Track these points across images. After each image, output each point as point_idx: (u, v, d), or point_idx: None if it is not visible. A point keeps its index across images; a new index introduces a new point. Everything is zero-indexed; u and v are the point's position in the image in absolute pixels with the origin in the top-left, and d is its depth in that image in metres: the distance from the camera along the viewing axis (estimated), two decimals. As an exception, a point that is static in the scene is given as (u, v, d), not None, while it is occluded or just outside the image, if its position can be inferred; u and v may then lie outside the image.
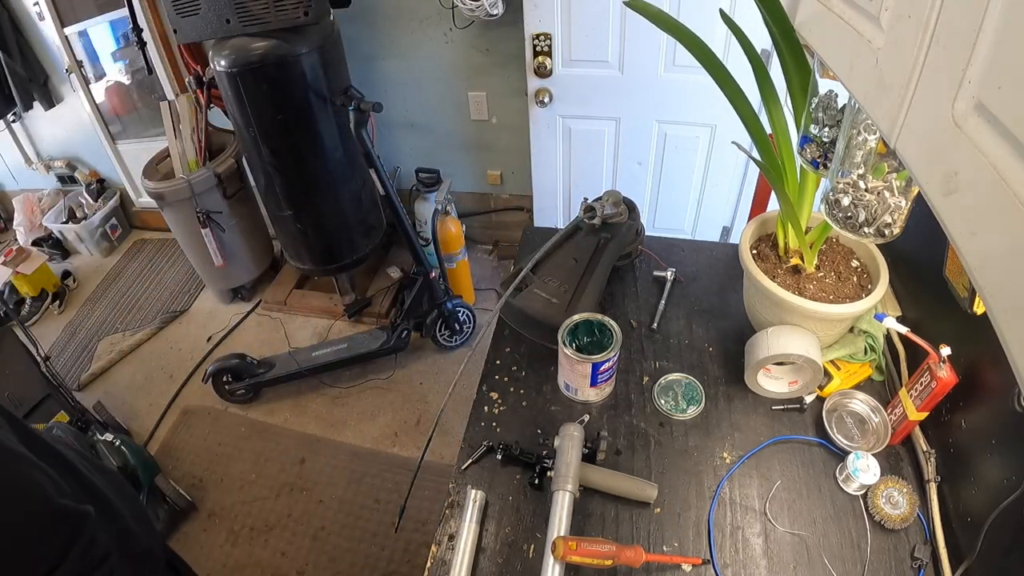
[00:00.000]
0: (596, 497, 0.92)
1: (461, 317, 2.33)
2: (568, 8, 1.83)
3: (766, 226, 1.11)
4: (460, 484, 0.95)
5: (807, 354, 0.94)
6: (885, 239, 0.75)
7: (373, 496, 1.96)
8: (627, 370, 1.10)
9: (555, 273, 1.14)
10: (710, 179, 2.16)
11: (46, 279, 2.98)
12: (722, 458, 0.96)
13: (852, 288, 0.99)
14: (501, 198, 2.69)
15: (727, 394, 1.05)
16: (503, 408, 1.06)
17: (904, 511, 0.85)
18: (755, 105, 0.95)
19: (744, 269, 1.02)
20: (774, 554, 0.84)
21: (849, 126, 0.70)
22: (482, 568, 0.85)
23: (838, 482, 0.91)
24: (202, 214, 2.35)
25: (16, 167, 3.44)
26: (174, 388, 2.45)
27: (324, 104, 1.89)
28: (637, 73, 1.94)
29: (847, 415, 0.99)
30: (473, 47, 2.18)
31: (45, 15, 2.72)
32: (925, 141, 0.41)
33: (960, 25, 0.36)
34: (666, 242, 1.38)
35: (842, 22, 0.57)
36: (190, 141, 2.41)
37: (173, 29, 1.80)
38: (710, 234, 2.32)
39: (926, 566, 0.81)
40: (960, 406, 0.85)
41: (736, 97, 0.92)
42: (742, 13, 1.05)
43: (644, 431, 1.00)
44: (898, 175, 0.71)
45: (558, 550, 0.75)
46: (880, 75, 0.48)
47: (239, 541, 1.92)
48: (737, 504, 0.90)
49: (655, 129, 2.07)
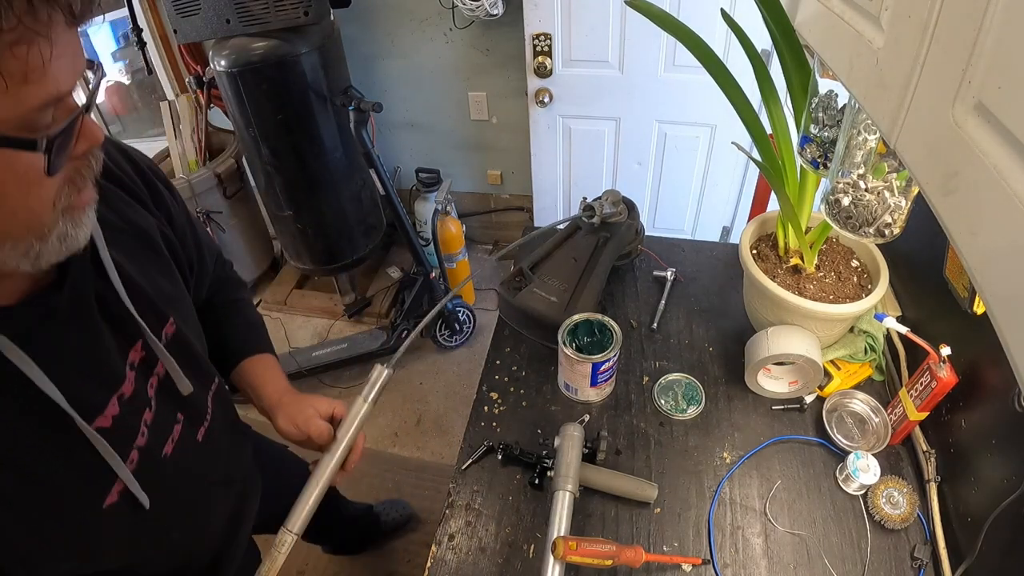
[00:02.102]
0: (596, 497, 0.92)
1: (461, 317, 2.33)
2: (568, 8, 1.83)
3: (766, 226, 1.11)
4: (460, 484, 0.95)
5: (807, 354, 0.94)
6: (885, 239, 0.75)
7: (373, 496, 1.95)
8: (627, 370, 1.10)
9: (555, 272, 1.14)
10: (710, 179, 2.16)
11: (46, 279, 2.98)
12: (722, 458, 0.96)
13: (852, 288, 0.99)
14: (501, 198, 2.69)
15: (727, 394, 1.05)
16: (503, 408, 1.06)
17: (904, 511, 0.85)
18: (755, 105, 0.95)
19: (744, 269, 1.02)
20: (774, 554, 0.84)
21: (849, 126, 0.70)
22: (482, 568, 0.85)
23: (838, 482, 0.91)
24: (202, 214, 2.35)
25: (16, 167, 3.44)
26: (174, 388, 2.45)
27: (324, 104, 1.89)
28: (637, 73, 1.94)
29: (847, 415, 0.99)
30: (473, 47, 2.18)
31: (45, 15, 2.71)
32: (925, 141, 0.41)
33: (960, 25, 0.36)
34: (666, 242, 1.38)
35: (842, 22, 0.57)
36: (190, 141, 2.41)
37: (173, 29, 1.80)
38: (710, 234, 2.32)
39: (926, 566, 0.81)
40: (960, 406, 0.85)
41: (736, 97, 0.92)
42: (742, 13, 1.05)
43: (644, 431, 1.00)
44: (898, 175, 0.71)
45: (558, 550, 0.75)
46: (880, 75, 0.48)
47: (239, 541, 1.92)
48: (737, 504, 0.90)
49: (655, 129, 2.07)
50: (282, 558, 0.74)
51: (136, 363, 0.64)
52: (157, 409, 0.66)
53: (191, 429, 0.73)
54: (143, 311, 0.64)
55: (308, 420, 0.81)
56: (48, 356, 0.53)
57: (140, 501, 0.63)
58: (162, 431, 0.67)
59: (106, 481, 0.60)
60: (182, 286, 0.75)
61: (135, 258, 0.66)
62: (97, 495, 0.59)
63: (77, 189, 0.50)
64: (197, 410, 0.74)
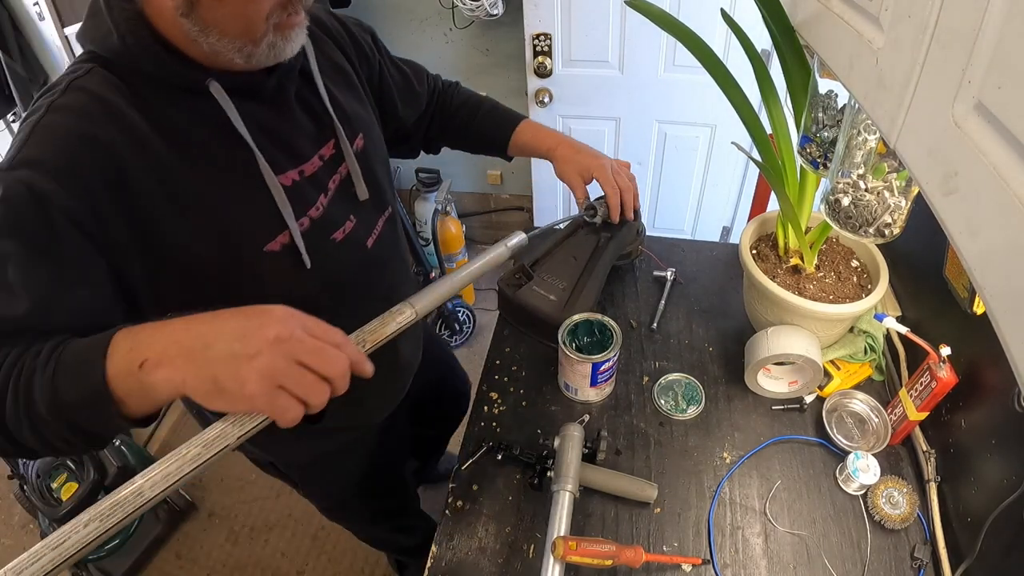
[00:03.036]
0: (596, 497, 0.92)
1: (461, 317, 2.33)
2: (568, 8, 1.83)
3: (766, 226, 1.11)
4: (460, 484, 0.95)
5: (807, 354, 0.94)
6: (885, 239, 0.75)
7: (373, 496, 1.96)
8: (627, 370, 1.10)
9: (555, 271, 1.14)
10: (710, 179, 2.16)
11: (46, 279, 2.98)
12: (722, 458, 0.96)
13: (852, 288, 0.99)
14: (501, 198, 2.69)
15: (727, 394, 1.05)
16: (503, 408, 1.06)
17: (904, 511, 0.85)
18: (755, 105, 0.95)
19: (744, 269, 1.02)
20: (774, 554, 0.84)
21: (849, 126, 0.70)
22: (482, 568, 0.85)
23: (838, 482, 0.91)
24: (202, 214, 2.35)
25: (16, 167, 3.44)
26: (174, 388, 2.45)
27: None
28: (637, 73, 1.94)
29: (847, 415, 0.99)
30: (473, 47, 2.18)
31: (45, 15, 2.72)
32: (925, 141, 0.41)
33: (960, 25, 0.36)
34: (666, 242, 1.38)
35: (842, 22, 0.57)
36: (190, 141, 2.41)
37: (173, 29, 1.80)
38: (710, 234, 2.32)
39: (926, 566, 0.81)
40: (960, 406, 0.85)
41: (736, 97, 0.92)
42: (742, 13, 1.05)
43: (644, 431, 1.00)
44: (898, 175, 0.71)
45: (558, 550, 0.75)
46: (880, 75, 0.48)
47: (239, 541, 1.92)
48: (737, 504, 0.90)
49: (655, 129, 2.07)
50: (392, 327, 0.69)
51: (326, 157, 0.78)
52: (333, 199, 0.79)
53: (361, 233, 0.84)
54: (340, 119, 0.78)
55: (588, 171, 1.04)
56: (250, 119, 0.67)
57: (303, 259, 0.73)
58: (334, 219, 0.79)
59: (274, 227, 0.70)
60: (375, 119, 0.91)
61: (336, 84, 0.82)
62: (263, 237, 0.70)
63: (287, 13, 0.63)
64: (368, 220, 0.86)
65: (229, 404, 0.52)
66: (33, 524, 1.97)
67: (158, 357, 0.51)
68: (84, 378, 0.51)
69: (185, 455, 0.52)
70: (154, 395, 0.52)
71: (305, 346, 0.52)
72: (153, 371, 0.50)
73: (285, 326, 0.52)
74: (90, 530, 0.49)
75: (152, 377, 0.50)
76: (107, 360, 0.51)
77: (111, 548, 1.80)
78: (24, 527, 2.04)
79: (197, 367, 0.50)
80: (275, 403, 0.51)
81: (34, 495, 1.72)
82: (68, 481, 1.71)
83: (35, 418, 0.52)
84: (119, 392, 0.51)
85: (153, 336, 0.52)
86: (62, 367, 0.52)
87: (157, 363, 0.50)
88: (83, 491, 1.68)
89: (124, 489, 0.50)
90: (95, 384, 0.51)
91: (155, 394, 0.52)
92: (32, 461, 1.76)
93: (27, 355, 0.53)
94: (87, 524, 0.49)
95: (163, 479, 0.51)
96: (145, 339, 0.52)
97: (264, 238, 0.70)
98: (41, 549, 0.47)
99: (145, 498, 0.50)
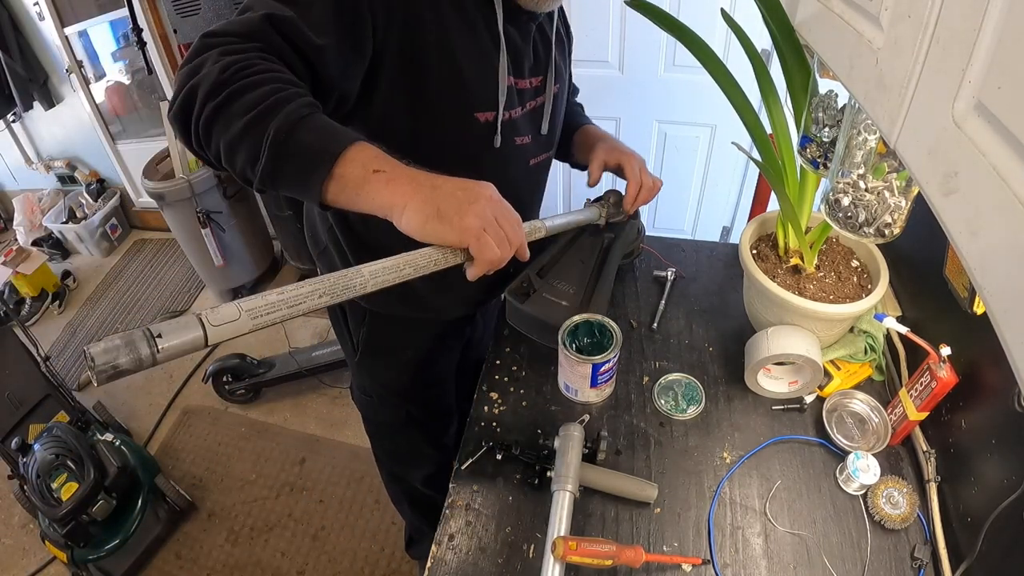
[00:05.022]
0: (596, 497, 0.92)
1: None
2: (568, 8, 1.83)
3: (766, 226, 1.11)
4: (460, 484, 0.95)
5: (807, 354, 0.94)
6: (885, 239, 0.75)
7: (373, 496, 1.96)
8: (627, 370, 1.10)
9: (563, 276, 1.13)
10: (710, 179, 2.16)
11: (46, 279, 2.98)
12: (722, 458, 0.96)
13: (852, 288, 0.99)
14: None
15: (727, 394, 1.05)
16: (503, 408, 1.06)
17: (904, 511, 0.85)
18: (755, 105, 0.95)
19: (744, 269, 1.02)
20: (774, 554, 0.84)
21: (849, 126, 0.70)
22: (482, 568, 0.85)
23: (838, 482, 0.91)
24: (202, 214, 2.35)
25: (16, 167, 3.44)
26: (174, 388, 2.45)
27: (324, 104, 1.89)
28: (637, 73, 1.94)
29: (847, 415, 0.99)
30: (473, 47, 2.18)
31: (45, 15, 2.72)
32: (925, 141, 0.41)
33: (960, 25, 0.36)
34: (666, 242, 1.38)
35: (842, 22, 0.57)
36: (190, 141, 2.41)
37: (173, 29, 1.81)
38: (710, 234, 2.32)
39: (926, 566, 0.81)
40: (960, 406, 0.85)
41: (736, 97, 0.92)
42: (742, 13, 1.05)
43: (644, 431, 1.00)
44: (898, 175, 0.71)
45: (558, 550, 0.75)
46: (880, 75, 0.48)
47: (239, 541, 1.92)
48: (737, 504, 0.90)
49: (655, 129, 2.07)
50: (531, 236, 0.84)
51: (535, 84, 0.95)
52: (524, 116, 0.95)
53: (532, 152, 1.00)
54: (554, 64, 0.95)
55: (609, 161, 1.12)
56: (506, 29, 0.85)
57: (495, 138, 0.89)
58: (520, 129, 0.94)
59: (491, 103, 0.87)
60: (569, 73, 1.09)
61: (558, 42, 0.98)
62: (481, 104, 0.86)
63: None
64: (538, 149, 1.01)
65: (443, 231, 0.61)
66: (33, 524, 1.97)
67: (392, 175, 0.61)
68: (327, 136, 0.61)
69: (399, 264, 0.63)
70: (365, 197, 0.61)
71: (506, 212, 0.66)
72: (383, 183, 0.60)
73: (496, 193, 0.66)
74: (322, 301, 0.59)
75: (377, 185, 0.60)
76: (351, 146, 0.61)
77: (111, 548, 1.80)
78: (24, 527, 2.04)
79: (424, 196, 0.61)
80: (481, 239, 0.62)
81: (34, 495, 1.72)
82: (68, 481, 1.71)
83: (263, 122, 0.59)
84: (339, 170, 0.60)
85: (391, 161, 0.63)
86: (314, 119, 0.61)
87: (390, 179, 0.61)
88: (83, 491, 1.68)
89: (349, 274, 0.61)
90: (331, 148, 0.60)
91: (367, 197, 0.61)
92: (34, 459, 1.76)
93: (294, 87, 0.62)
94: (321, 296, 0.58)
95: (383, 272, 0.62)
96: (386, 160, 0.62)
97: (482, 105, 0.86)
98: (279, 303, 0.56)
99: (366, 287, 0.61)
